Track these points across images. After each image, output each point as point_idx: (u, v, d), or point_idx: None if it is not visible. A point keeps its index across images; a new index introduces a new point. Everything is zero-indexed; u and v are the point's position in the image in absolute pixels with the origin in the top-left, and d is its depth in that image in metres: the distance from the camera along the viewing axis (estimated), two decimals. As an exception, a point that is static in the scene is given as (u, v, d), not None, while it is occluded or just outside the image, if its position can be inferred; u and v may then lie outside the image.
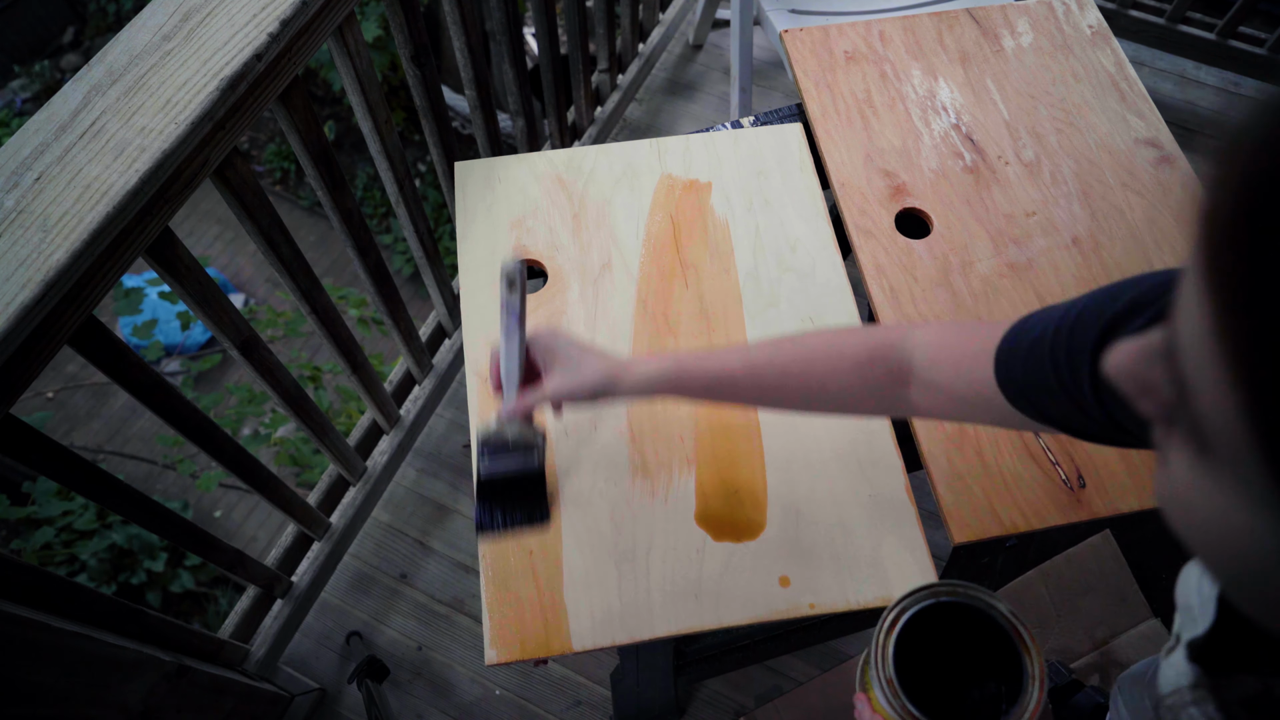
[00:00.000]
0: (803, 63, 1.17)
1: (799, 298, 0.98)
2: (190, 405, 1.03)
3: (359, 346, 1.38)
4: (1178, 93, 2.21)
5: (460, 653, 1.53)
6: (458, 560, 1.62)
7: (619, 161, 1.08)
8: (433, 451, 1.72)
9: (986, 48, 1.18)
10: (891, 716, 0.56)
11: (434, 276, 1.55)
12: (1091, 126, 1.11)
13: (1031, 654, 0.55)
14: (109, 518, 2.85)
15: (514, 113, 1.64)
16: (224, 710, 1.28)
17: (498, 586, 0.82)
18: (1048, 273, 1.00)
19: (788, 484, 0.87)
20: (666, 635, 0.81)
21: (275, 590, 1.43)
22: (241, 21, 0.86)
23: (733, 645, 1.27)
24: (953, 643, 0.61)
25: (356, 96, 1.12)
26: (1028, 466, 0.88)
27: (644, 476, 0.87)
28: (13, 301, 0.70)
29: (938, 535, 0.89)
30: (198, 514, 3.90)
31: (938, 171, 1.07)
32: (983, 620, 0.57)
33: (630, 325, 0.96)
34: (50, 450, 0.87)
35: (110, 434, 4.21)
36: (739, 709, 1.47)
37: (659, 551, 0.84)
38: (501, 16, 1.45)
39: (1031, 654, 0.55)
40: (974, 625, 0.58)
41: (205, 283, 0.98)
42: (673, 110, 2.21)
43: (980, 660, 0.61)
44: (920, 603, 0.58)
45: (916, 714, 0.54)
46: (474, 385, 0.92)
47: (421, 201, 1.50)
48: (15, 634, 0.84)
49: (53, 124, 0.79)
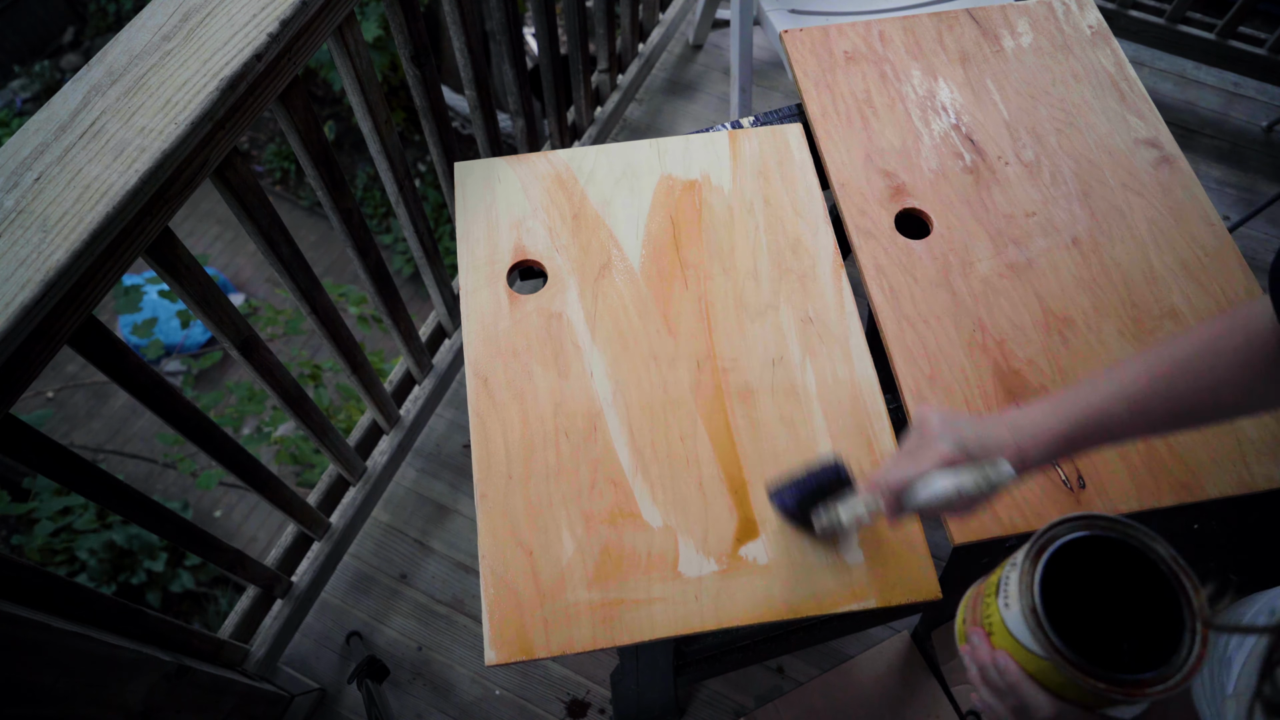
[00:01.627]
0: (803, 63, 1.17)
1: (799, 298, 0.98)
2: (190, 405, 1.03)
3: (359, 346, 1.38)
4: (1178, 93, 2.21)
5: (460, 653, 1.53)
6: (458, 560, 1.62)
7: (619, 162, 1.08)
8: (433, 451, 1.72)
9: (986, 48, 1.18)
10: (1029, 650, 0.50)
11: (434, 276, 1.55)
12: (1091, 126, 1.11)
13: (1194, 603, 0.49)
14: (109, 517, 2.85)
15: (514, 113, 1.64)
16: (224, 710, 1.28)
17: (498, 586, 0.82)
18: (1048, 273, 1.00)
19: (787, 484, 0.87)
20: (666, 635, 0.81)
21: (275, 590, 1.43)
22: (241, 21, 0.86)
23: (733, 645, 1.27)
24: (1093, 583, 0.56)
25: (356, 96, 1.12)
26: (1027, 467, 0.88)
27: (644, 476, 0.87)
28: (13, 302, 0.70)
29: (938, 535, 0.89)
30: (198, 514, 3.90)
31: (937, 172, 1.07)
32: (1136, 561, 0.51)
33: (630, 326, 0.96)
34: (50, 450, 0.87)
35: (110, 434, 4.21)
36: (739, 709, 1.47)
37: (660, 552, 0.84)
38: (501, 16, 1.45)
39: (1194, 603, 0.49)
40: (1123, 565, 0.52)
41: (205, 283, 0.98)
42: (673, 110, 2.21)
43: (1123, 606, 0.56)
44: (1072, 533, 0.52)
45: (1063, 649, 0.48)
46: (474, 385, 0.93)
47: (421, 201, 1.50)
48: (15, 634, 0.84)
49: (53, 124, 0.79)
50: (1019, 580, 0.51)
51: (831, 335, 0.96)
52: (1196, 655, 0.48)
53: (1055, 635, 0.48)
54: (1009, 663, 0.52)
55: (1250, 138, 2.14)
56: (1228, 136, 2.14)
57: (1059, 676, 0.48)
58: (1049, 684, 0.50)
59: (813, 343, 0.95)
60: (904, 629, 1.49)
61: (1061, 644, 0.48)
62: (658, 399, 0.91)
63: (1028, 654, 0.50)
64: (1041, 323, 0.96)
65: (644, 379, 0.93)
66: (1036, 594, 0.50)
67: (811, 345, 0.95)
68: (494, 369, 0.93)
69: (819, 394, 0.92)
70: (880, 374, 0.94)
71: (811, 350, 0.95)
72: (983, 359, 0.94)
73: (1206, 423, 0.63)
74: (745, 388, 0.92)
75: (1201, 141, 2.14)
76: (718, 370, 0.93)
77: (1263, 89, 2.20)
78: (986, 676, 0.54)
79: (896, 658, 1.45)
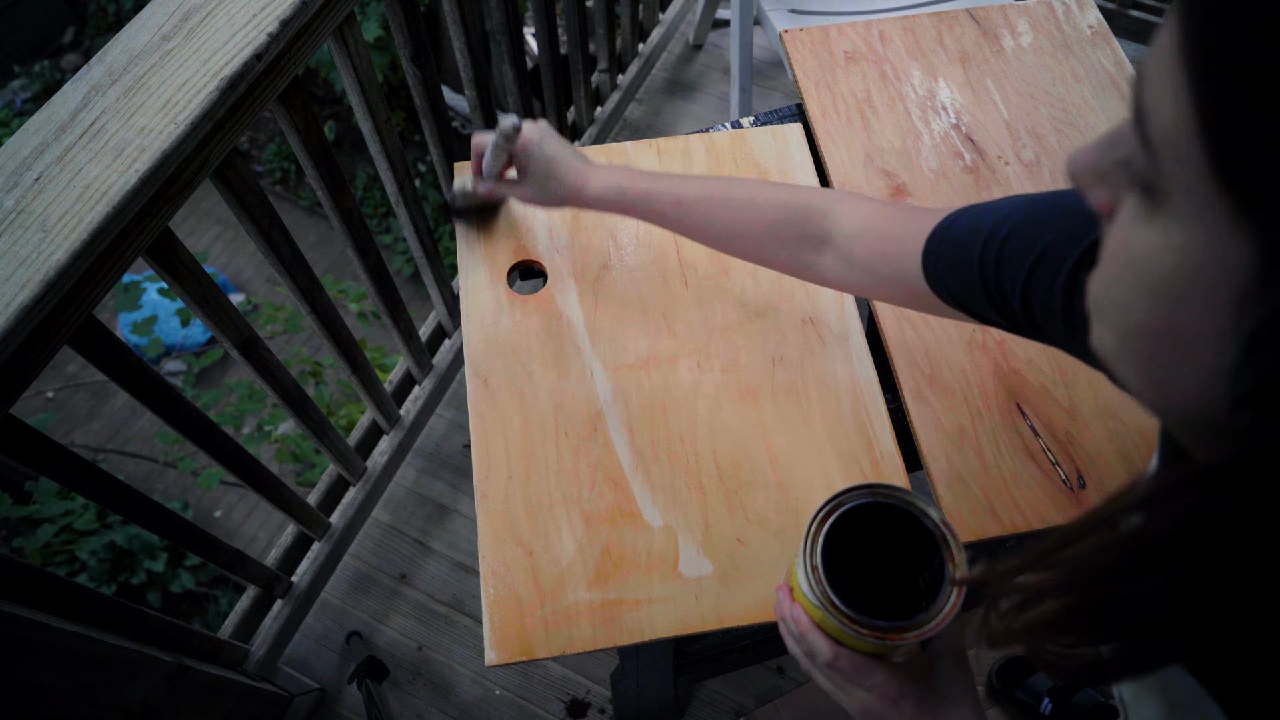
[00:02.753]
0: (803, 63, 1.17)
1: (799, 298, 0.98)
2: (190, 405, 1.03)
3: (359, 346, 1.38)
4: (1178, 93, 2.20)
5: (460, 653, 1.53)
6: (458, 560, 1.62)
7: (619, 161, 1.08)
8: (433, 451, 1.72)
9: (986, 48, 1.18)
10: (812, 603, 0.58)
11: (434, 276, 1.55)
12: (1091, 126, 1.11)
13: (955, 559, 0.57)
14: (109, 518, 2.85)
15: (514, 113, 1.64)
16: (224, 710, 1.28)
17: (497, 586, 0.82)
18: (1048, 273, 1.00)
19: (787, 483, 0.87)
20: (666, 635, 0.81)
21: (275, 590, 1.43)
22: (241, 21, 0.86)
23: (733, 645, 1.27)
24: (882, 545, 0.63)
25: (356, 96, 1.12)
26: (1027, 466, 0.88)
27: (644, 476, 0.87)
28: (13, 302, 0.70)
29: (937, 535, 0.88)
30: (198, 514, 3.90)
31: (938, 171, 1.07)
32: (913, 525, 0.59)
33: (630, 326, 0.96)
34: (50, 450, 0.87)
35: (110, 434, 4.21)
36: (739, 709, 1.47)
37: (660, 552, 0.84)
38: (501, 16, 1.45)
39: (955, 559, 0.57)
40: (905, 530, 0.60)
41: (205, 283, 0.98)
42: (673, 110, 2.21)
43: (908, 566, 0.64)
44: (857, 500, 0.60)
45: (836, 600, 0.56)
46: (474, 385, 0.93)
47: (421, 201, 1.50)
48: (15, 634, 0.84)
49: (52, 124, 0.79)
50: (806, 543, 0.59)
51: (831, 335, 0.96)
52: (950, 605, 0.56)
53: (831, 590, 0.56)
54: (800, 614, 0.60)
55: (1250, 138, 2.13)
56: (1228, 136, 2.14)
57: (833, 625, 0.57)
58: (830, 631, 0.58)
59: (813, 343, 0.95)
60: (904, 629, 1.49)
61: (834, 596, 0.56)
62: (658, 399, 0.91)
63: (813, 607, 0.58)
64: (1041, 323, 0.96)
65: (644, 379, 0.93)
66: (819, 555, 0.58)
67: (811, 345, 0.95)
68: (494, 369, 0.93)
69: (819, 394, 0.92)
70: (880, 374, 0.94)
71: (811, 350, 0.95)
72: (983, 359, 0.94)
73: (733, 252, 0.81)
74: (745, 388, 0.92)
75: (1201, 141, 2.14)
76: (718, 370, 0.93)
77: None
78: (787, 627, 0.63)
79: (896, 658, 1.45)
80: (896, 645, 0.56)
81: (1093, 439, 0.89)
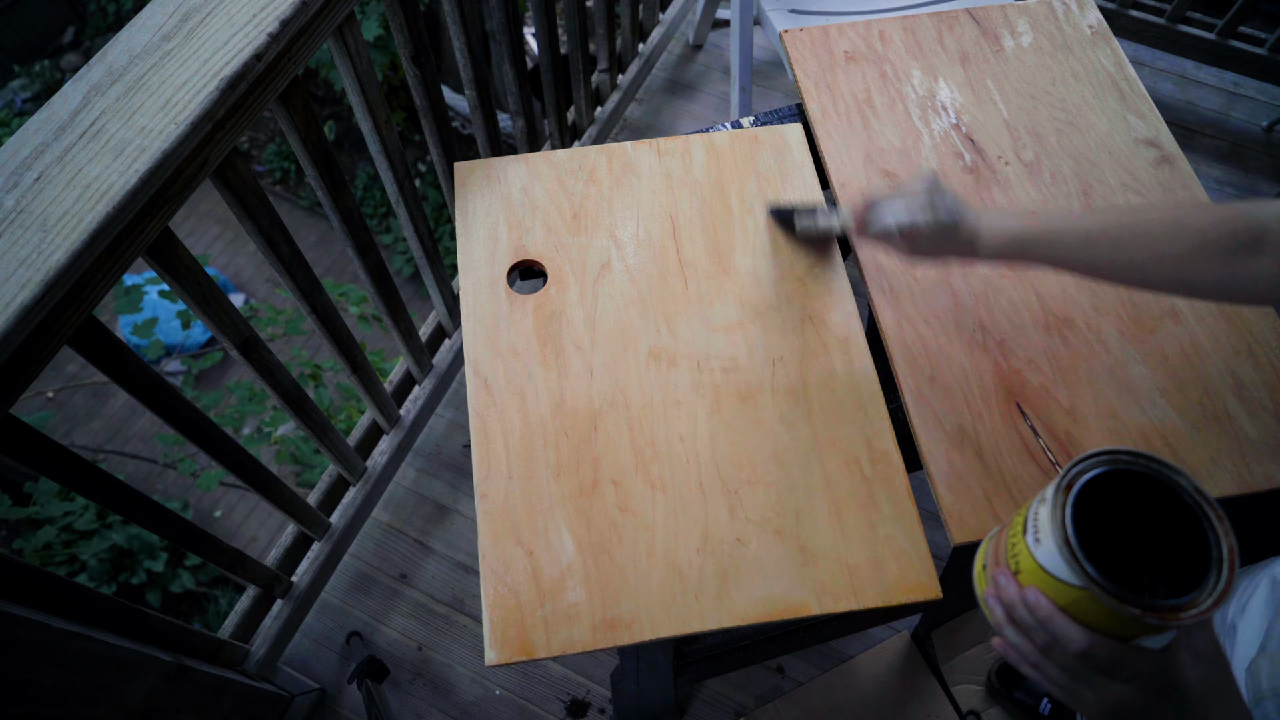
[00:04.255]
0: (803, 63, 1.17)
1: (799, 298, 0.98)
2: (190, 405, 1.03)
3: (359, 346, 1.38)
4: (1178, 93, 2.21)
5: (460, 653, 1.53)
6: (458, 560, 1.62)
7: (619, 161, 1.08)
8: (433, 451, 1.72)
9: (986, 48, 1.18)
10: (1063, 583, 0.50)
11: (434, 276, 1.55)
12: (1091, 126, 1.11)
13: (1220, 533, 0.50)
14: (109, 518, 2.85)
15: (514, 113, 1.64)
16: (224, 710, 1.28)
17: (498, 586, 0.82)
18: (1048, 273, 1.00)
19: (787, 483, 0.87)
20: (666, 635, 0.81)
21: (275, 590, 1.43)
22: (241, 21, 0.86)
23: (733, 645, 1.27)
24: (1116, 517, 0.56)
25: (356, 96, 1.12)
26: (1027, 466, 0.88)
27: (644, 475, 0.87)
28: (13, 302, 0.70)
29: (938, 535, 0.89)
30: (198, 514, 3.91)
31: (938, 171, 1.07)
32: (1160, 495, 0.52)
33: (630, 325, 0.96)
34: (50, 450, 0.87)
35: (110, 434, 4.22)
36: (739, 709, 1.47)
37: (660, 552, 0.84)
38: (501, 16, 1.45)
39: (1220, 533, 0.50)
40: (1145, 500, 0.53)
41: (205, 283, 0.98)
42: (673, 110, 2.21)
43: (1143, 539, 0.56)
44: (1100, 467, 0.52)
45: (1100, 578, 0.48)
46: (474, 385, 0.93)
47: (421, 201, 1.50)
48: (15, 634, 0.84)
49: (53, 124, 0.79)
50: (1050, 514, 0.51)
51: (831, 335, 0.96)
52: (1225, 581, 0.48)
53: (1091, 565, 0.48)
54: (1039, 598, 0.52)
55: (1250, 138, 2.14)
56: (1228, 136, 2.14)
57: (1095, 606, 0.49)
58: (1082, 616, 0.50)
59: (812, 342, 0.95)
60: (904, 629, 1.49)
61: (1097, 573, 0.48)
62: (658, 399, 0.91)
63: (1062, 586, 0.50)
64: (1041, 323, 0.96)
65: (644, 379, 0.93)
66: (1069, 525, 0.50)
67: (811, 345, 0.95)
68: (494, 369, 0.93)
69: (819, 394, 0.92)
70: (880, 374, 0.94)
71: (811, 350, 0.95)
72: (983, 359, 0.94)
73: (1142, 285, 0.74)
74: (745, 388, 0.92)
75: (1201, 141, 2.14)
76: (718, 370, 0.93)
77: (1263, 89, 2.20)
78: (1015, 614, 0.54)
79: (896, 658, 1.46)
80: (1169, 625, 0.48)
81: (1093, 439, 0.89)
